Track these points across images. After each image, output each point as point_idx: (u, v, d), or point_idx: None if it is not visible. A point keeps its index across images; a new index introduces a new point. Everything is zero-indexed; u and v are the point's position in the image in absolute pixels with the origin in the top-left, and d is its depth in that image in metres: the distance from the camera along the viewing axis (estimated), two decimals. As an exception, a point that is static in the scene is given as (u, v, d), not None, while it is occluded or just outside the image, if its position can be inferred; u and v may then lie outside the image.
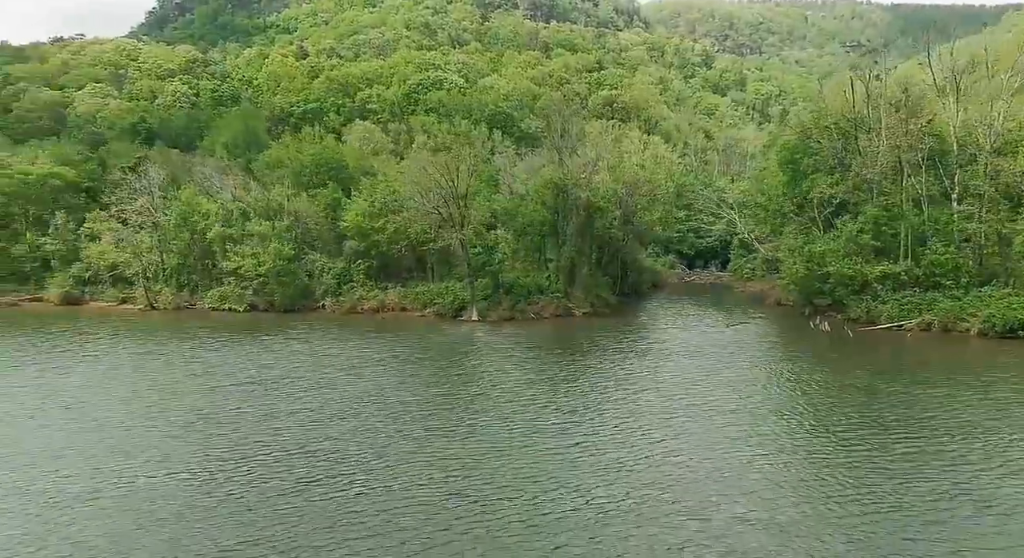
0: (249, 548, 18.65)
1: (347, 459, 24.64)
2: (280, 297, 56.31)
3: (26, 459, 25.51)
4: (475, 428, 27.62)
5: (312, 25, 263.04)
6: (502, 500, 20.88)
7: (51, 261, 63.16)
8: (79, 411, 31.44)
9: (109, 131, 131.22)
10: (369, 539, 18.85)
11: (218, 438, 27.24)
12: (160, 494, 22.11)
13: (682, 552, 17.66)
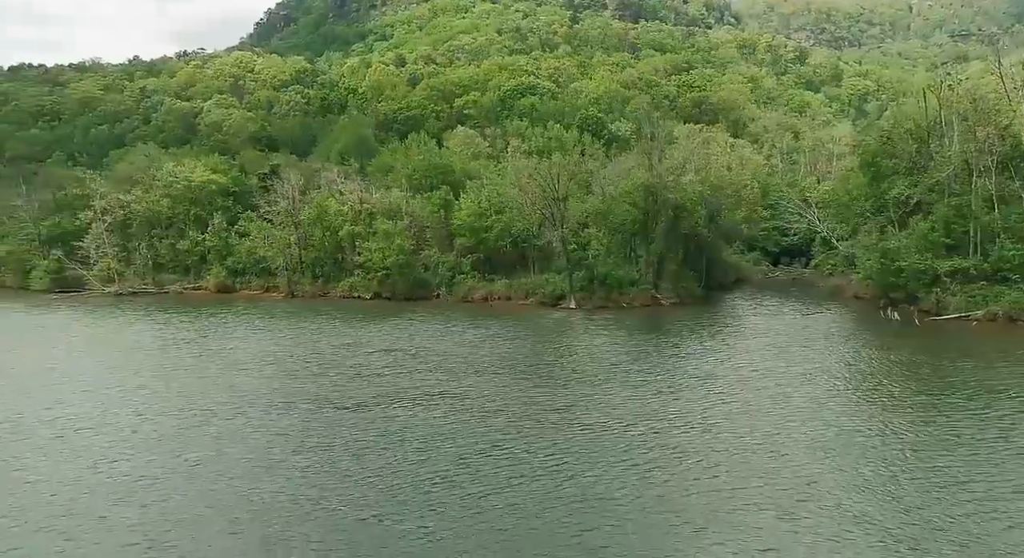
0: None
1: (486, 396, 32.68)
2: (401, 287, 65.57)
3: (264, 396, 34.94)
4: (591, 384, 35.11)
5: (407, 31, 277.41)
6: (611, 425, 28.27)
7: (208, 255, 74.93)
8: (274, 366, 41.01)
9: (234, 139, 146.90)
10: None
11: (376, 387, 35.88)
12: (344, 419, 30.82)
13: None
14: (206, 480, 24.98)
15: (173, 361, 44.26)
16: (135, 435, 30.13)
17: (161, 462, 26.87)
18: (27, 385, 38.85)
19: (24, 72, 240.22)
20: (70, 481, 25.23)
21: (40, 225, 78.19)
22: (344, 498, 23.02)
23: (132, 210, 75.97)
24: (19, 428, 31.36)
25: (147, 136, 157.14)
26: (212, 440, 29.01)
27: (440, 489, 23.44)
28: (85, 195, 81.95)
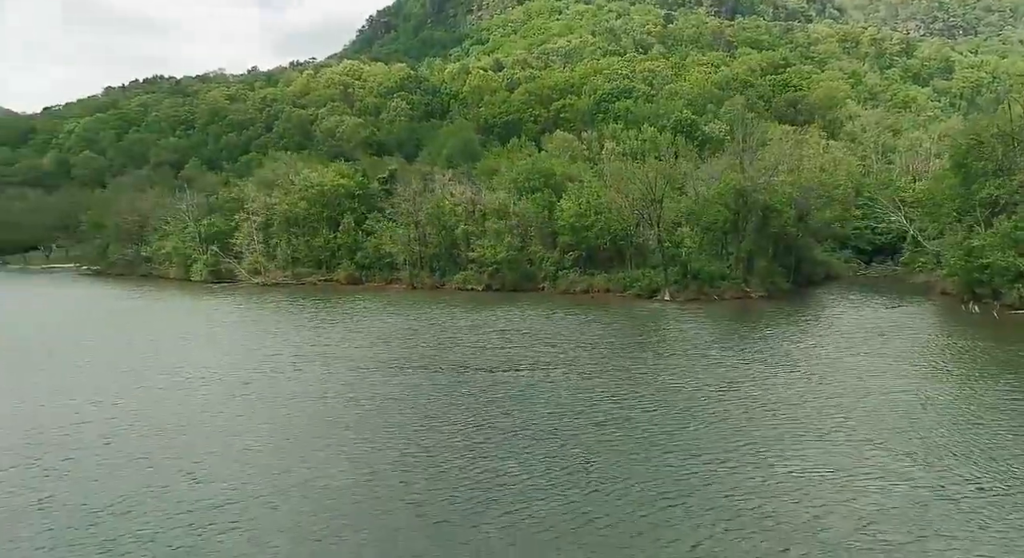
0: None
1: (590, 365, 40.02)
2: (509, 279, 73.77)
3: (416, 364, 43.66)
4: (691, 362, 41.86)
5: (503, 35, 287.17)
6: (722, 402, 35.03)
7: (339, 251, 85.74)
8: (411, 340, 49.84)
9: (347, 144, 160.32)
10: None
11: (498, 357, 43.83)
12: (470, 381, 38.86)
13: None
14: (379, 418, 33.43)
15: (325, 337, 53.85)
16: (323, 385, 39.25)
17: (344, 404, 35.71)
18: (216, 352, 49.27)
19: (158, 84, 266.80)
20: (258, 415, 34.38)
21: (199, 225, 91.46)
22: (492, 436, 30.89)
23: (274, 211, 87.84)
24: (218, 378, 41.15)
25: (270, 142, 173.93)
26: (378, 393, 37.63)
27: (569, 430, 30.92)
28: (234, 198, 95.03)
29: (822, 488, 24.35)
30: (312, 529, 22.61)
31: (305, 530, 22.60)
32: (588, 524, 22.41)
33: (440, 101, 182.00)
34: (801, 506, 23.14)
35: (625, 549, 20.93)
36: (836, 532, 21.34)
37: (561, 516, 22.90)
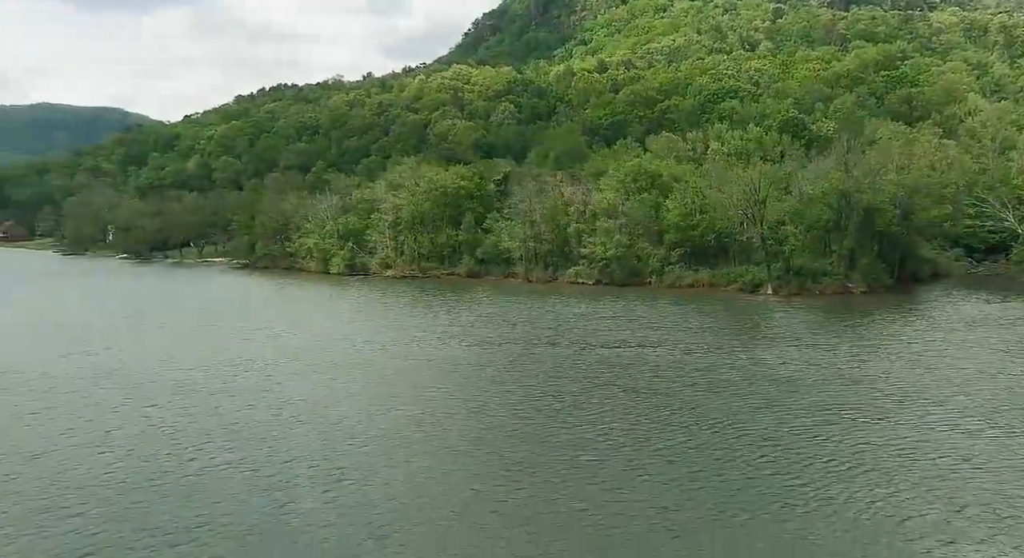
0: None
1: (695, 345, 46.39)
2: (618, 274, 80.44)
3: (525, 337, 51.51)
4: (801, 346, 47.53)
5: (607, 35, 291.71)
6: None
7: (460, 247, 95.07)
8: (533, 323, 57.60)
9: (459, 146, 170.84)
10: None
11: (611, 336, 50.78)
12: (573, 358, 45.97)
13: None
14: (520, 378, 41.13)
15: (458, 320, 62.37)
16: (468, 354, 47.53)
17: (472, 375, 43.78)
18: (373, 329, 58.81)
19: (282, 92, 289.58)
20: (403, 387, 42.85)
21: (337, 223, 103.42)
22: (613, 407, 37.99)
23: (402, 210, 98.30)
24: (383, 348, 50.20)
25: (387, 146, 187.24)
26: (514, 361, 45.41)
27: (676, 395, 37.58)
28: (365, 199, 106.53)
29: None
30: (475, 444, 30.44)
31: (472, 449, 30.46)
32: (690, 447, 29.14)
33: (546, 104, 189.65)
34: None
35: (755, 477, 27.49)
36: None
37: (673, 447, 29.71)
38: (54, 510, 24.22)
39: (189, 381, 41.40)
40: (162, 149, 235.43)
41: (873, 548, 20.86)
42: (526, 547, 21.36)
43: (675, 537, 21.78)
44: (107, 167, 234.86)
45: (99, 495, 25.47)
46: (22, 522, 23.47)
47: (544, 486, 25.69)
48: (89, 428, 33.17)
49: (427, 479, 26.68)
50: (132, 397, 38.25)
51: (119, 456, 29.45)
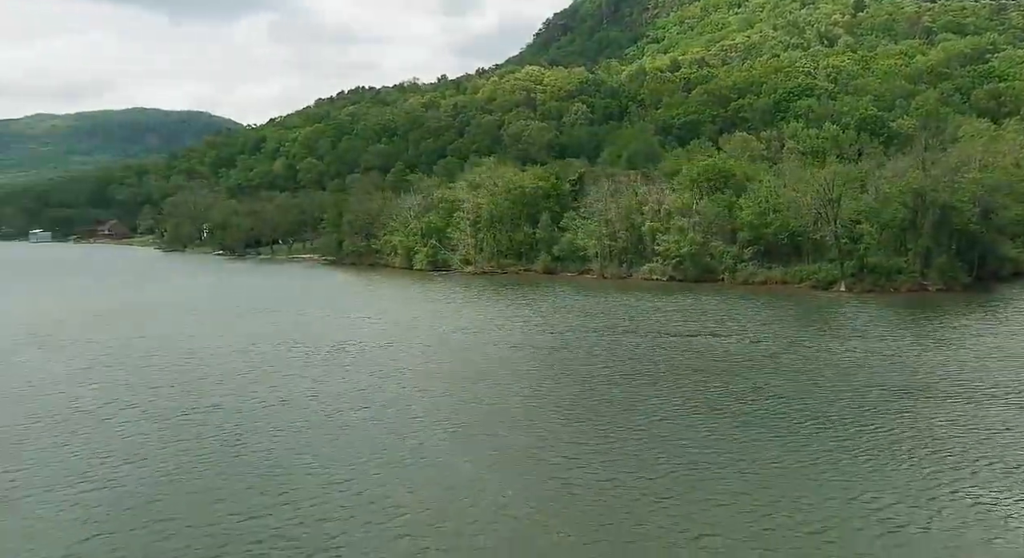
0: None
1: (767, 334, 49.75)
2: (691, 271, 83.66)
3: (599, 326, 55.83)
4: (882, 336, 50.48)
5: (679, 32, 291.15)
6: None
7: (537, 244, 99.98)
8: (608, 315, 61.82)
9: (532, 147, 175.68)
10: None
11: (682, 326, 54.49)
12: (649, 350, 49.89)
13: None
14: (603, 359, 45.49)
15: (538, 311, 67.11)
16: (553, 340, 52.19)
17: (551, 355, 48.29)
18: (461, 318, 64.19)
19: (361, 94, 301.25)
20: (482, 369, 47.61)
21: (420, 222, 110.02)
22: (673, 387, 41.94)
23: (482, 209, 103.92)
24: (474, 332, 55.35)
25: (463, 147, 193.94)
26: (595, 346, 49.71)
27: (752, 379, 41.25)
28: (447, 199, 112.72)
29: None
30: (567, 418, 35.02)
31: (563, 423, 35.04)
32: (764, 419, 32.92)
33: (618, 103, 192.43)
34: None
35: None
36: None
37: (748, 416, 33.59)
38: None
39: (317, 356, 47.53)
40: (250, 151, 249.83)
41: (913, 497, 24.36)
42: (628, 489, 25.73)
43: (764, 487, 25.67)
44: (200, 169, 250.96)
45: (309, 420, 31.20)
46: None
47: (631, 445, 30.05)
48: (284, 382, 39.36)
49: (534, 437, 31.39)
50: (275, 369, 44.47)
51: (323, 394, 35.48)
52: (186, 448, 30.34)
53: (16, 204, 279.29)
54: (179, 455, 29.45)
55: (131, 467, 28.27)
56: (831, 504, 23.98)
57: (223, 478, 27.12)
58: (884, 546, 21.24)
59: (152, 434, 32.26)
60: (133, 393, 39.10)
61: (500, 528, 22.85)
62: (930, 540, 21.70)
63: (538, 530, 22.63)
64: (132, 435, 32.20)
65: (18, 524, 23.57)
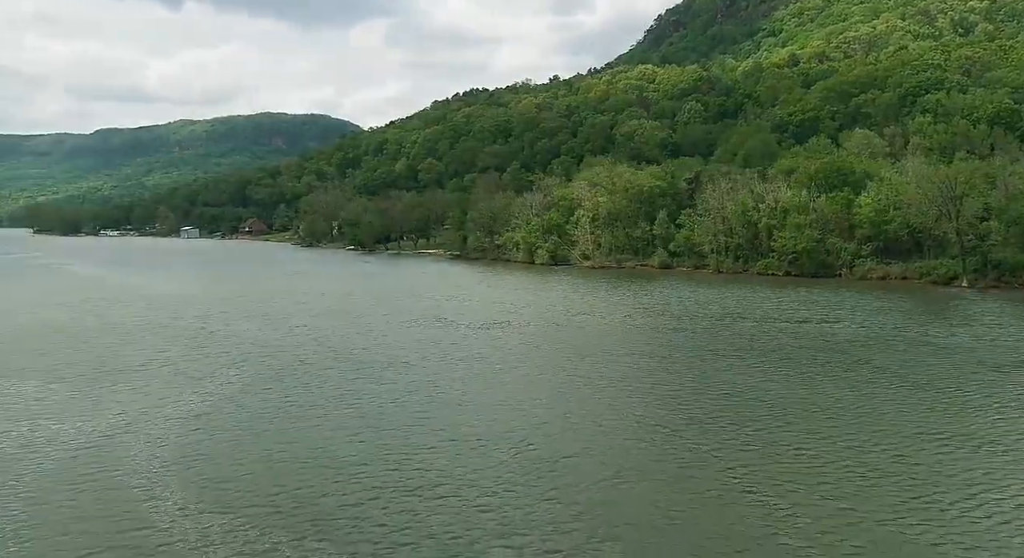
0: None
1: (885, 324, 53.61)
2: (807, 267, 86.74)
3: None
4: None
5: (798, 25, 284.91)
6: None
7: (654, 241, 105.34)
8: (722, 302, 66.77)
9: (645, 146, 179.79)
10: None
11: (795, 312, 58.79)
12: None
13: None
14: (724, 340, 50.93)
15: (658, 300, 72.80)
16: (673, 323, 58.01)
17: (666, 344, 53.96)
18: (584, 304, 70.93)
19: (475, 96, 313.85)
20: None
21: (541, 219, 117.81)
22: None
23: (600, 207, 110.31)
24: (602, 317, 61.84)
25: (576, 147, 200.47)
26: (715, 329, 55.07)
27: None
28: (566, 197, 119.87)
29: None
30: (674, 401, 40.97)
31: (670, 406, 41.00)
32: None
33: (733, 101, 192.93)
34: None
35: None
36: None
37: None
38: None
39: (473, 329, 55.79)
40: (373, 153, 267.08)
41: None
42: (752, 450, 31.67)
43: (883, 450, 30.92)
44: (327, 170, 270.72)
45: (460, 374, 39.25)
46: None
47: (738, 414, 35.79)
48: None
49: (653, 403, 37.71)
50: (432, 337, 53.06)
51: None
52: (402, 381, 38.73)
53: (169, 203, 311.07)
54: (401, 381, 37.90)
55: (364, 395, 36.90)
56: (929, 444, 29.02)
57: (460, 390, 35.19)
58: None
59: (385, 374, 40.96)
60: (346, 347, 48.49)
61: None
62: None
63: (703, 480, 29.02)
64: (365, 375, 40.99)
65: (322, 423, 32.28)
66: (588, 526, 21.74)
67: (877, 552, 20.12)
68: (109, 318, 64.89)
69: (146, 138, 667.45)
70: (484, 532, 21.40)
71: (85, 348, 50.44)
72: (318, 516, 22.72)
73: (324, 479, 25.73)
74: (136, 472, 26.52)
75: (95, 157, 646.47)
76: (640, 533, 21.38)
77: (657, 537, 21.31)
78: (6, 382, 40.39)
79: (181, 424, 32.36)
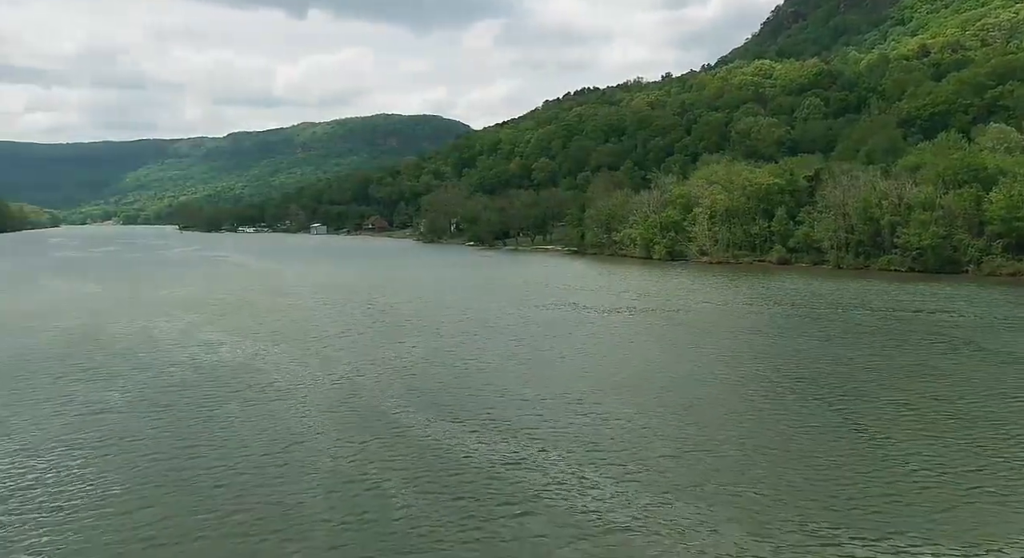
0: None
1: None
2: (932, 263, 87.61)
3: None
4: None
5: (930, 12, 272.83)
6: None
7: (772, 237, 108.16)
8: (836, 295, 70.05)
9: (761, 144, 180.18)
10: None
11: (920, 305, 61.55)
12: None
13: None
14: (840, 328, 55.00)
15: (775, 292, 76.54)
16: (788, 311, 62.31)
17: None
18: (694, 294, 75.86)
19: (586, 95, 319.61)
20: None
21: (659, 216, 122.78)
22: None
23: (718, 204, 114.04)
24: (723, 310, 66.72)
25: (690, 145, 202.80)
26: (816, 319, 59.03)
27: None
28: (683, 195, 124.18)
29: None
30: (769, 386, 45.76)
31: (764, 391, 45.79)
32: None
33: (856, 96, 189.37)
34: None
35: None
36: None
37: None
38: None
39: (600, 314, 62.62)
40: (487, 152, 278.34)
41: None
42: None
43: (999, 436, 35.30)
44: (444, 170, 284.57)
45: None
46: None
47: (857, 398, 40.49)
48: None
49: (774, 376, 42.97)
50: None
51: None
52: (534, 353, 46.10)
53: (297, 202, 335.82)
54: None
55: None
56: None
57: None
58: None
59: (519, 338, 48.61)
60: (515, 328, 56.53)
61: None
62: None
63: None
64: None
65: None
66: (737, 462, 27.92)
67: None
68: (325, 303, 75.17)
69: (272, 140, 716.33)
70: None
71: (334, 325, 60.88)
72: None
73: (512, 378, 33.23)
74: (388, 397, 35.01)
75: (228, 159, 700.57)
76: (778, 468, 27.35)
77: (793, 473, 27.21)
78: (281, 345, 50.77)
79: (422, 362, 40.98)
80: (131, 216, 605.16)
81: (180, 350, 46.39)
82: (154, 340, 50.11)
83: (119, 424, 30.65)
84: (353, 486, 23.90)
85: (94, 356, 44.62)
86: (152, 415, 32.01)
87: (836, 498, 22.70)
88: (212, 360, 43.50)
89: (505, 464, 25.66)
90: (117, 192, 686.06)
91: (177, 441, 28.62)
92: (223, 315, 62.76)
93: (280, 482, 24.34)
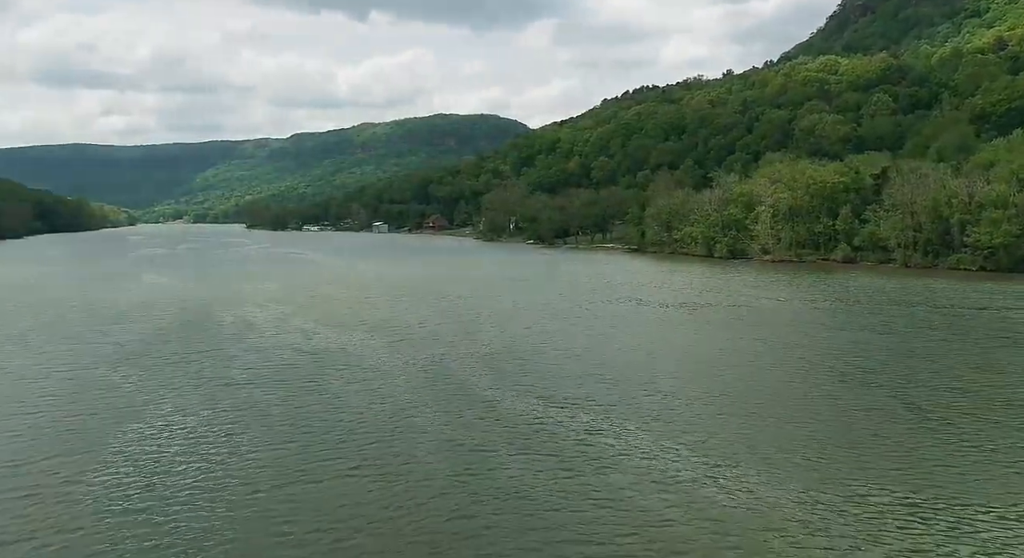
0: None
1: None
2: (1004, 262, 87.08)
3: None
4: None
5: (1008, 2, 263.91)
6: None
7: (837, 235, 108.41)
8: (898, 292, 70.87)
9: (826, 141, 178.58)
10: None
11: (981, 304, 62.18)
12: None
13: None
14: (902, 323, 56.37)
15: (838, 289, 77.52)
16: (846, 307, 63.74)
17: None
18: (760, 289, 77.44)
19: (645, 94, 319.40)
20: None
21: (720, 214, 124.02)
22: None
23: (781, 202, 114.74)
24: (777, 307, 68.42)
25: (752, 143, 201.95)
26: (874, 311, 60.28)
27: None
28: (744, 193, 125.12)
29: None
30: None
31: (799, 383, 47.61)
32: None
33: (927, 91, 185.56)
34: None
35: None
36: None
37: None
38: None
39: (670, 310, 65.39)
40: (546, 151, 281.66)
41: None
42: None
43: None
44: (503, 169, 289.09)
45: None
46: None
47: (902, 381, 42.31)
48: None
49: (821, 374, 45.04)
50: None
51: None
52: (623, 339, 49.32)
53: (359, 201, 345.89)
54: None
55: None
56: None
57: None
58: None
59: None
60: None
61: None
62: None
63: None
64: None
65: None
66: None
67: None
68: (402, 294, 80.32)
69: (334, 140, 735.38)
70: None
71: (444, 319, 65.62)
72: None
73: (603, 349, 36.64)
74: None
75: (291, 159, 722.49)
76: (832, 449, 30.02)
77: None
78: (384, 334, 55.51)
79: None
80: (200, 214, 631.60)
81: (281, 336, 51.37)
82: (256, 327, 55.35)
83: (248, 395, 35.35)
84: (459, 447, 27.77)
85: (210, 340, 49.98)
86: (273, 387, 36.66)
87: (891, 467, 25.41)
88: (311, 345, 48.25)
89: (589, 432, 29.17)
90: (188, 192, 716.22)
91: (298, 408, 33.10)
92: (311, 306, 67.96)
93: (396, 441, 28.43)
